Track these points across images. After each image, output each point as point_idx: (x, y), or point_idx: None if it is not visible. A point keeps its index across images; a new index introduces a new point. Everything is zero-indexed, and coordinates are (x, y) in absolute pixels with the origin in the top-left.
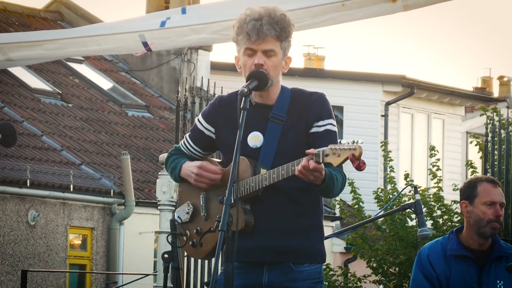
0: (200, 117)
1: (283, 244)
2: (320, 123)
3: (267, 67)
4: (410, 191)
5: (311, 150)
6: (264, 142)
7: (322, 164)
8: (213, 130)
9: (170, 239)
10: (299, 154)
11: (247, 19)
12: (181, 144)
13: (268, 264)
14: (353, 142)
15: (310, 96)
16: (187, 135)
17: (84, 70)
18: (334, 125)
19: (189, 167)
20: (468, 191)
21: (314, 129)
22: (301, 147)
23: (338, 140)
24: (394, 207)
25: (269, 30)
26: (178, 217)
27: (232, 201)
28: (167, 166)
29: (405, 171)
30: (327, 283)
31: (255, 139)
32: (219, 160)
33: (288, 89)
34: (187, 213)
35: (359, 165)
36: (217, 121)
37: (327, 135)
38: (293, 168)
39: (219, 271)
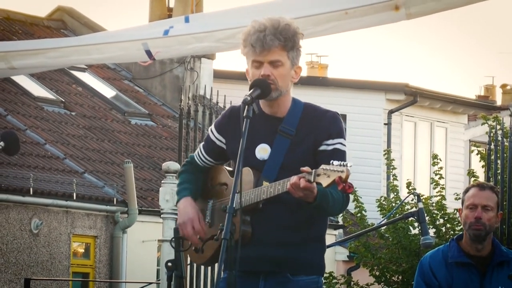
0: (212, 127)
1: (280, 255)
2: (330, 141)
3: (274, 78)
4: (413, 200)
5: (306, 168)
6: (270, 155)
7: (314, 183)
8: (224, 140)
9: (174, 242)
10: None
11: (252, 31)
12: (195, 154)
13: (265, 274)
14: (342, 164)
15: (323, 114)
16: (201, 145)
17: (87, 78)
18: (344, 145)
19: (185, 210)
20: (462, 197)
21: (323, 147)
22: (307, 163)
23: (331, 161)
24: (397, 215)
25: (272, 41)
26: None
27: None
28: (178, 181)
29: (408, 180)
30: None
31: (263, 151)
32: (230, 169)
33: (301, 103)
34: None
35: (344, 188)
36: (227, 131)
37: (335, 154)
38: (288, 184)
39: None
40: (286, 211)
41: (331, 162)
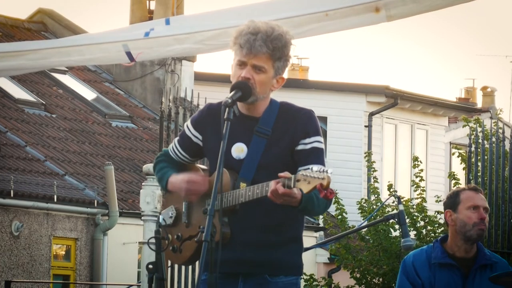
0: (188, 123)
1: (259, 256)
2: (307, 140)
3: (253, 82)
4: (393, 202)
5: (284, 174)
6: (247, 155)
7: (295, 189)
8: (200, 137)
9: (151, 243)
10: (282, 168)
11: (244, 31)
12: (170, 149)
13: (244, 275)
14: (323, 171)
15: (298, 112)
16: (175, 139)
17: (68, 80)
18: (321, 142)
19: (178, 182)
20: (451, 200)
21: (300, 146)
22: (284, 162)
23: (310, 167)
24: (378, 217)
25: (261, 47)
26: (163, 219)
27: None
28: (155, 172)
29: (389, 182)
30: None
31: (239, 150)
32: (205, 167)
33: (277, 103)
34: (171, 217)
35: (326, 195)
36: (204, 128)
37: (313, 152)
38: (267, 189)
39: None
40: (263, 212)
41: (310, 167)
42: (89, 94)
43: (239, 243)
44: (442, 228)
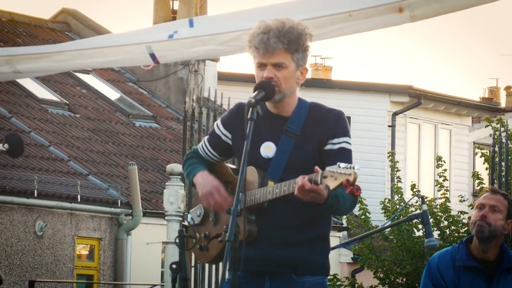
0: (218, 122)
1: (285, 255)
2: (335, 140)
3: (277, 80)
4: (417, 202)
5: (317, 168)
6: (275, 154)
7: (322, 185)
8: (229, 136)
9: (177, 241)
10: (310, 169)
11: (256, 32)
12: (199, 147)
13: (270, 275)
14: (350, 167)
15: (328, 113)
16: (205, 138)
17: (92, 80)
18: (350, 143)
19: (206, 181)
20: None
21: (328, 146)
22: (312, 162)
23: (338, 164)
24: (401, 217)
25: (276, 43)
26: (191, 218)
27: (239, 210)
28: (184, 168)
29: (412, 182)
30: None
31: (267, 149)
32: (234, 167)
33: (306, 103)
34: (199, 216)
35: (352, 191)
36: (233, 128)
37: (341, 153)
38: (294, 185)
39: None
40: (290, 210)
41: (337, 164)
42: (112, 94)
43: (266, 241)
44: (466, 228)
